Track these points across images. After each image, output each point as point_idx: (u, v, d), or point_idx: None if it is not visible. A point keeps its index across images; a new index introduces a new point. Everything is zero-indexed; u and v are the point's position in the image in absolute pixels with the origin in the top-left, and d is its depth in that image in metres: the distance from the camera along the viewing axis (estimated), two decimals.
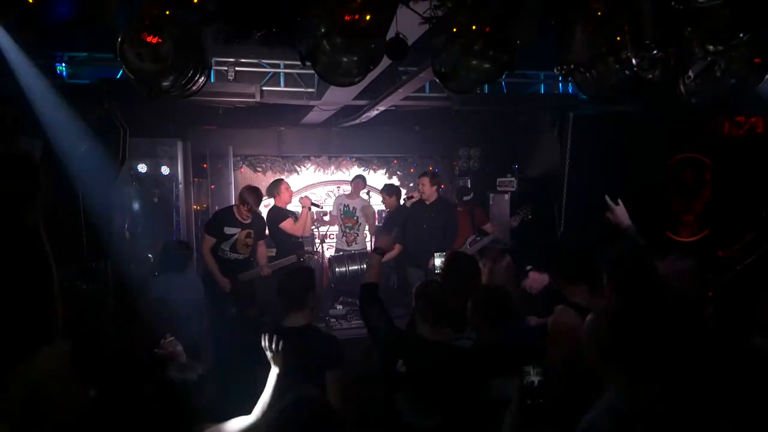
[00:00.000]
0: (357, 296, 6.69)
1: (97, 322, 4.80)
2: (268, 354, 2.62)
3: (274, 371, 2.58)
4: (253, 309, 4.47)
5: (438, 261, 3.78)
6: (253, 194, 5.48)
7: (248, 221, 5.50)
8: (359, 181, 7.47)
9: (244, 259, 5.54)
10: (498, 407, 2.35)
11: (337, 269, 6.67)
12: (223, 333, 4.44)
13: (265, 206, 6.22)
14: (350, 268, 6.67)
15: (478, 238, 6.69)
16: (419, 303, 2.84)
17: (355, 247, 7.20)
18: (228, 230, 5.44)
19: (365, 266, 6.43)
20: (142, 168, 6.66)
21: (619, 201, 3.43)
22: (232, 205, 5.68)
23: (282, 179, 6.56)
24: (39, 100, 4.76)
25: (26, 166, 3.18)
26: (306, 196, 6.45)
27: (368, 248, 7.37)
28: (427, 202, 6.19)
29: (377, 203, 7.91)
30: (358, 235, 7.29)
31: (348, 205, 7.32)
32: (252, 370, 2.81)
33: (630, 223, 3.39)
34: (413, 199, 6.26)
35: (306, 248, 7.03)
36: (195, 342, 4.20)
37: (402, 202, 6.58)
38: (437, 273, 3.77)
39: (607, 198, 3.46)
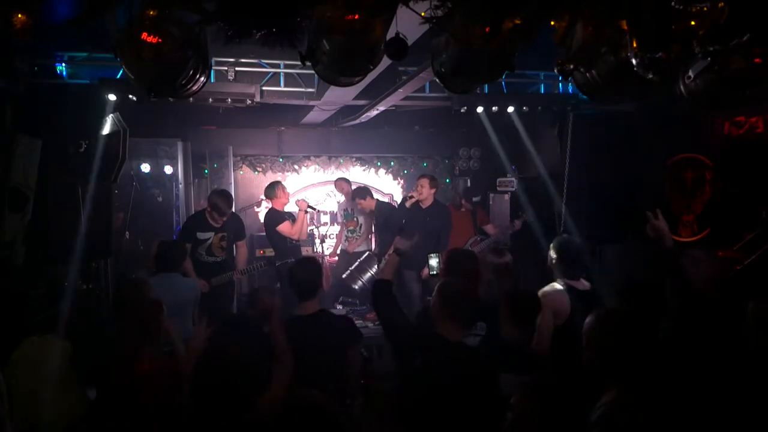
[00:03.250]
0: (356, 296, 6.73)
1: (96, 322, 4.81)
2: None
3: None
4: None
5: (433, 262, 3.77)
6: (223, 199, 5.42)
7: (220, 225, 5.47)
8: (342, 183, 7.37)
9: (221, 261, 5.52)
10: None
11: (354, 286, 6.64)
12: (222, 331, 4.42)
13: (265, 207, 6.18)
14: (364, 277, 6.66)
15: (479, 239, 6.70)
16: (445, 301, 2.81)
17: (358, 250, 7.19)
18: (201, 235, 5.42)
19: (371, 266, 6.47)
20: (145, 168, 6.66)
21: (659, 214, 3.07)
22: (204, 209, 5.61)
23: (279, 181, 6.52)
24: (39, 100, 4.76)
25: None
26: (302, 200, 6.41)
27: (368, 248, 7.35)
28: (423, 206, 6.17)
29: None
30: (359, 237, 7.28)
31: (347, 209, 7.30)
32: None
33: (672, 243, 3.05)
34: (413, 200, 6.22)
35: (305, 249, 7.03)
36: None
37: (406, 202, 6.44)
38: (434, 274, 3.76)
39: (649, 213, 3.09)
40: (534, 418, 1.83)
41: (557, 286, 3.46)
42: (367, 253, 6.93)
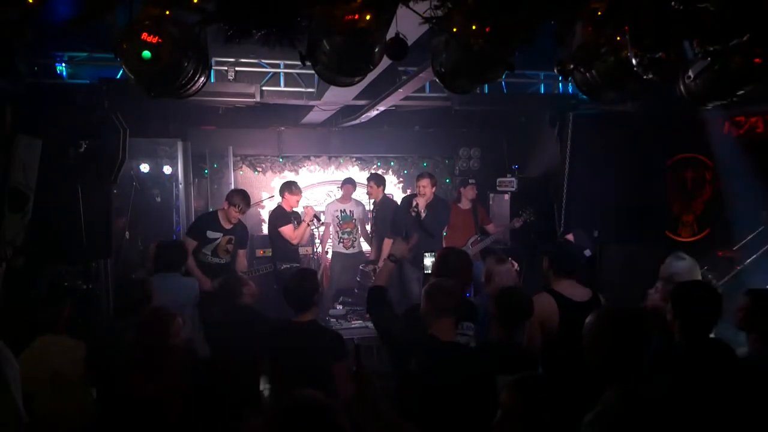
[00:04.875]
0: (356, 297, 6.71)
1: (96, 323, 4.81)
2: None
3: None
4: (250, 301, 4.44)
5: (428, 261, 3.77)
6: (241, 197, 5.45)
7: (231, 227, 5.48)
8: (350, 185, 7.37)
9: (224, 264, 5.52)
10: None
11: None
12: (220, 329, 4.43)
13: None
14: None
15: (479, 238, 6.70)
16: (432, 300, 2.81)
17: (353, 251, 7.17)
18: (210, 234, 5.42)
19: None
20: (144, 168, 6.66)
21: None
22: (217, 210, 5.65)
23: (295, 182, 6.51)
24: (39, 100, 4.77)
25: None
26: (311, 207, 6.39)
27: (364, 249, 7.34)
28: (426, 203, 6.14)
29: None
30: (355, 239, 7.26)
31: (344, 209, 7.27)
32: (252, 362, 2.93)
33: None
34: (421, 206, 6.02)
35: (306, 249, 7.01)
36: (190, 341, 4.19)
37: (413, 212, 6.23)
38: (428, 273, 3.76)
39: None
40: (520, 414, 1.82)
41: (545, 293, 3.25)
42: (360, 268, 6.87)
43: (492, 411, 1.96)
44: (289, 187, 6.22)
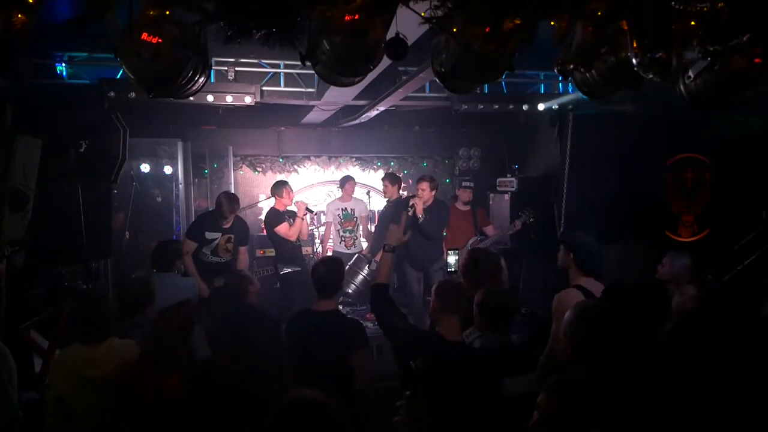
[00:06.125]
0: (352, 298, 6.73)
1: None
2: None
3: None
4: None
5: (452, 259, 3.77)
6: (227, 200, 5.45)
7: (228, 226, 5.49)
8: (351, 183, 7.37)
9: (225, 263, 5.54)
10: (510, 406, 2.36)
11: (347, 290, 6.68)
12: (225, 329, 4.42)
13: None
14: (357, 280, 6.70)
15: (479, 240, 6.70)
16: (440, 297, 2.85)
17: (354, 250, 7.17)
18: (209, 235, 5.45)
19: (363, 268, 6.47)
20: (144, 168, 6.66)
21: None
22: (214, 210, 5.66)
23: (286, 181, 6.51)
24: (39, 100, 4.76)
25: None
26: (301, 201, 6.41)
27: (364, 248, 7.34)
28: (425, 206, 6.14)
29: (376, 203, 7.88)
30: (357, 238, 7.26)
31: (345, 208, 7.27)
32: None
33: None
34: (418, 208, 6.02)
35: (306, 249, 7.02)
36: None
37: (409, 210, 6.25)
38: (451, 271, 3.77)
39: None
40: (558, 417, 1.82)
41: (574, 289, 3.31)
42: (356, 256, 6.90)
43: (493, 412, 1.95)
44: (279, 190, 6.24)
